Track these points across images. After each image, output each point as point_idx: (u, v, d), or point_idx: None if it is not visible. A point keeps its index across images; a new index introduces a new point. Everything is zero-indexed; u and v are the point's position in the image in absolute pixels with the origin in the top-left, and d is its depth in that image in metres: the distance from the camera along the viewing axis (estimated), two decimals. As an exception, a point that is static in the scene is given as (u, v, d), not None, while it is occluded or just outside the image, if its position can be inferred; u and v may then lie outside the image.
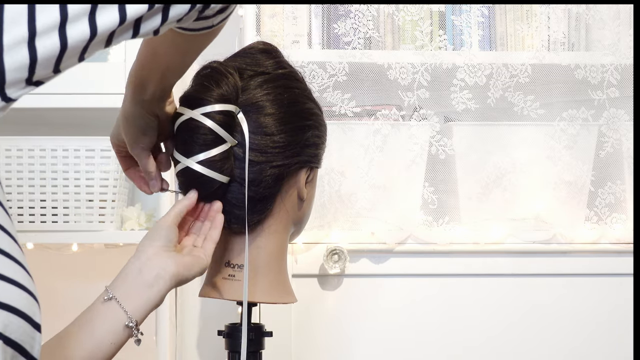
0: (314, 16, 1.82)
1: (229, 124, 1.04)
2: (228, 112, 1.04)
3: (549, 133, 1.82)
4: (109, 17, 0.73)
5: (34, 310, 0.70)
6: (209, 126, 1.03)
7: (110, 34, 0.75)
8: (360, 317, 1.81)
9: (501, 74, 1.81)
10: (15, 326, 0.68)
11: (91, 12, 0.72)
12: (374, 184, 1.78)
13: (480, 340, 1.82)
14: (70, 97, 1.71)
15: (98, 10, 0.72)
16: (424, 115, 1.79)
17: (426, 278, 1.82)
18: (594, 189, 1.84)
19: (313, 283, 1.80)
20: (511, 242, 1.82)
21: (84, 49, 0.74)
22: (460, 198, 1.82)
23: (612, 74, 1.82)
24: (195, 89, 1.06)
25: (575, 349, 1.83)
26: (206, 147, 1.03)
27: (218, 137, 1.03)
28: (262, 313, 1.59)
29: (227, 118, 1.04)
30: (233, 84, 1.06)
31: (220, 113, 1.03)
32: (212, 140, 1.03)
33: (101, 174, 1.72)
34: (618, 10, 1.84)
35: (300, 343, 1.79)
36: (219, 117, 1.03)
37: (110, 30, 0.74)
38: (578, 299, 1.83)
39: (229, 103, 1.04)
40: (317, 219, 1.77)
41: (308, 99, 1.13)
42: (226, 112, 1.04)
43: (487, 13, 1.84)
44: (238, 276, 1.10)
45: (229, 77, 1.06)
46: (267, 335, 1.16)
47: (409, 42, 1.81)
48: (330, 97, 1.77)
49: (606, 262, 1.83)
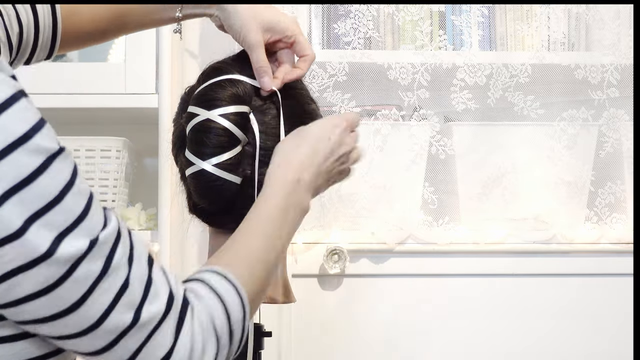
0: (314, 16, 1.82)
1: (244, 125, 1.03)
2: (243, 113, 1.03)
3: (549, 133, 1.82)
4: None
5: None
6: (226, 127, 1.02)
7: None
8: (360, 317, 1.81)
9: (501, 74, 1.81)
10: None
11: None
12: (374, 184, 1.78)
13: (480, 340, 1.82)
14: (70, 97, 1.71)
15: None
16: (424, 115, 1.79)
17: (426, 278, 1.82)
18: (594, 189, 1.84)
19: (313, 283, 1.80)
20: (511, 242, 1.82)
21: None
22: (460, 198, 1.82)
23: (612, 74, 1.82)
24: (210, 89, 1.05)
25: (575, 349, 1.83)
26: (221, 149, 1.01)
27: (232, 138, 1.02)
28: (262, 313, 1.59)
29: (242, 119, 1.03)
30: (246, 84, 1.05)
31: (235, 114, 1.02)
32: (227, 141, 1.02)
33: (101, 174, 1.72)
34: (618, 10, 1.84)
35: (300, 343, 1.79)
36: (235, 118, 1.02)
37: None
38: (578, 299, 1.83)
39: (243, 104, 1.04)
40: (317, 219, 1.77)
41: (311, 99, 1.13)
42: (241, 113, 1.03)
43: (487, 13, 1.84)
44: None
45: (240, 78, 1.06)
46: (267, 335, 1.16)
47: (409, 42, 1.81)
48: (330, 97, 1.77)
49: (606, 262, 1.83)
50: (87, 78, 1.72)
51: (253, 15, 1.05)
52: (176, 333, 0.78)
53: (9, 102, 0.67)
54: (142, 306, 0.75)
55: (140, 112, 1.76)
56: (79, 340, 0.74)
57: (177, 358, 0.77)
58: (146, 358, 0.76)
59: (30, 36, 1.01)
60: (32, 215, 0.67)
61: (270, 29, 1.06)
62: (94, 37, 1.11)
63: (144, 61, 1.73)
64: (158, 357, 0.76)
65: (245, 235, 0.91)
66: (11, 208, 0.66)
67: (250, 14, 1.05)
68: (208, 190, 1.02)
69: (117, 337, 0.74)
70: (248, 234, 0.91)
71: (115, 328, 0.74)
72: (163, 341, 0.77)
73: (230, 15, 1.06)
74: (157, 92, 1.71)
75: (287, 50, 1.10)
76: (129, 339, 0.75)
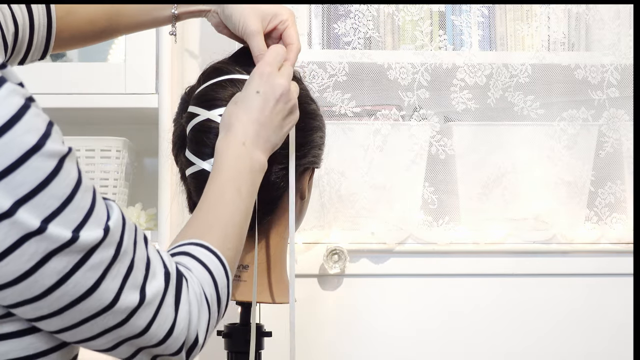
0: (314, 16, 1.82)
1: None
2: None
3: (549, 133, 1.82)
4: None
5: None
6: None
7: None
8: (360, 317, 1.81)
9: (501, 74, 1.81)
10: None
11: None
12: (374, 184, 1.78)
13: (479, 340, 1.82)
14: (70, 97, 1.71)
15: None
16: (424, 115, 1.79)
17: (426, 278, 1.82)
18: (594, 189, 1.84)
19: (313, 283, 1.80)
20: (511, 242, 1.82)
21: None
22: (460, 198, 1.82)
23: (612, 74, 1.82)
24: (210, 89, 1.05)
25: (575, 349, 1.82)
26: None
27: None
28: (262, 313, 1.59)
29: None
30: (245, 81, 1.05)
31: None
32: None
33: (101, 174, 1.72)
34: (618, 10, 1.83)
35: (300, 343, 1.79)
36: None
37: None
38: (578, 299, 1.83)
39: None
40: (317, 219, 1.77)
41: (311, 99, 1.13)
42: None
43: (487, 13, 1.84)
44: (243, 277, 1.10)
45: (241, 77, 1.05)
46: (266, 335, 1.16)
47: (409, 42, 1.81)
48: (330, 97, 1.77)
49: (606, 262, 1.83)
50: (87, 78, 1.72)
51: (251, 6, 1.07)
52: (176, 305, 0.82)
53: (21, 113, 0.70)
54: (145, 285, 0.80)
55: (140, 112, 1.76)
56: (88, 324, 0.78)
57: (180, 328, 0.83)
58: (155, 332, 0.81)
59: (25, 36, 1.02)
60: (48, 216, 0.71)
61: (267, 18, 1.07)
62: (90, 37, 1.11)
63: (144, 61, 1.73)
64: (165, 330, 0.81)
65: (209, 206, 0.94)
66: (30, 210, 0.70)
67: (248, 6, 1.07)
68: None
69: (127, 316, 0.79)
70: (212, 205, 0.94)
71: (125, 309, 0.78)
72: (167, 315, 0.82)
73: (229, 7, 1.07)
74: (157, 92, 1.71)
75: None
76: (138, 318, 0.79)
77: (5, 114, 0.69)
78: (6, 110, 0.69)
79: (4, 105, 0.70)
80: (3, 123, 0.69)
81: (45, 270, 0.72)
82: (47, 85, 1.68)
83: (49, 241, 0.71)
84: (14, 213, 0.69)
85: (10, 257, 0.70)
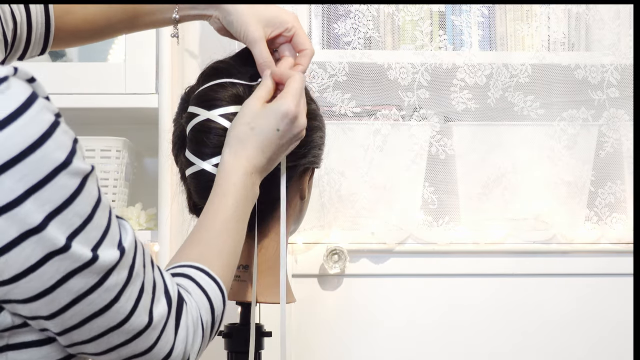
0: (314, 16, 1.82)
1: None
2: None
3: (549, 133, 1.82)
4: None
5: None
6: (226, 127, 1.01)
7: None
8: (360, 317, 1.81)
9: (501, 74, 1.81)
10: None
11: None
12: (374, 184, 1.78)
13: (480, 340, 1.82)
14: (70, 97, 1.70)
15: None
16: (424, 115, 1.79)
17: (426, 278, 1.82)
18: (594, 189, 1.84)
19: (313, 283, 1.80)
20: (511, 242, 1.82)
21: None
22: (460, 198, 1.82)
23: (612, 74, 1.82)
24: (210, 89, 1.05)
25: (575, 349, 1.83)
26: (221, 149, 1.01)
27: None
28: (262, 313, 1.59)
29: None
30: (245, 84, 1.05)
31: (235, 114, 1.02)
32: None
33: (101, 174, 1.72)
34: (618, 10, 1.84)
35: (300, 343, 1.79)
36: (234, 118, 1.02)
37: None
38: (578, 299, 1.83)
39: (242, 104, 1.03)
40: (317, 219, 1.77)
41: (311, 99, 1.13)
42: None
43: (487, 13, 1.84)
44: (243, 277, 1.10)
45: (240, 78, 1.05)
46: (266, 335, 1.16)
47: (409, 42, 1.81)
48: (330, 97, 1.77)
49: (606, 262, 1.83)
50: (87, 78, 1.72)
51: (252, 12, 1.06)
52: (176, 329, 0.84)
53: (52, 129, 0.72)
54: (152, 308, 0.81)
55: (140, 112, 1.75)
56: (96, 342, 0.79)
57: (177, 351, 0.85)
58: (156, 354, 0.83)
59: (23, 33, 1.03)
60: (71, 233, 0.72)
61: (270, 24, 1.07)
62: (90, 36, 1.11)
63: (144, 61, 1.73)
64: (165, 352, 0.83)
65: (214, 232, 0.96)
66: (58, 226, 0.71)
67: (249, 11, 1.06)
68: (208, 190, 1.02)
69: (133, 336, 0.80)
70: (217, 231, 0.96)
71: (133, 329, 0.80)
72: (169, 338, 0.83)
73: (230, 13, 1.06)
74: (157, 92, 1.71)
75: (288, 44, 1.10)
76: (143, 339, 0.81)
77: (38, 131, 0.70)
78: (39, 127, 0.71)
79: (36, 121, 0.71)
80: (36, 139, 0.70)
81: (63, 289, 0.73)
82: (47, 85, 1.66)
83: (70, 260, 0.72)
84: (44, 228, 0.70)
85: (33, 275, 0.71)
